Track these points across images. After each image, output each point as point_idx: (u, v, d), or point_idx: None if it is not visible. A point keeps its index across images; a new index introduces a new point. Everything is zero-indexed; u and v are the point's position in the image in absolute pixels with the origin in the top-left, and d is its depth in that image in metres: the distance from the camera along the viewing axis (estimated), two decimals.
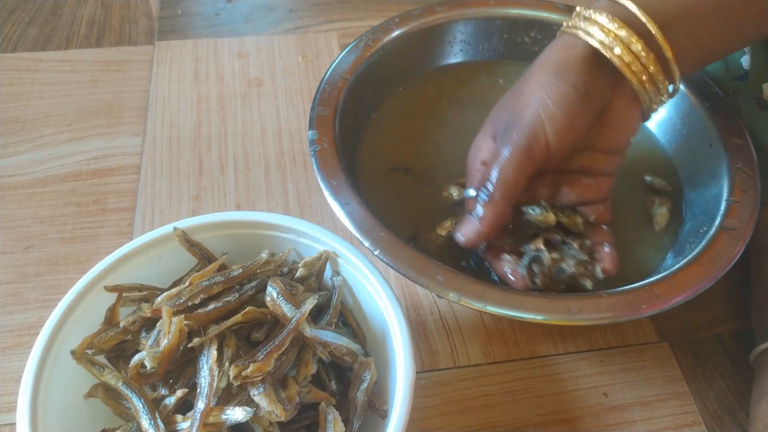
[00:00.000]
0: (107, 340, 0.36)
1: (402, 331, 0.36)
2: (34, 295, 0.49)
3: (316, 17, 0.75)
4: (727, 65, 0.52)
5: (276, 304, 0.36)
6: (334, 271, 0.40)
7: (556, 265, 0.42)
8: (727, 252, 0.42)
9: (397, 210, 0.49)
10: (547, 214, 0.42)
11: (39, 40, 0.70)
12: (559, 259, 0.42)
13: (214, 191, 0.57)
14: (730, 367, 0.47)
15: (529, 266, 0.42)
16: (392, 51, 0.56)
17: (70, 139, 0.60)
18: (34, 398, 0.33)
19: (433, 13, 0.58)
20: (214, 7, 0.76)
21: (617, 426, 0.44)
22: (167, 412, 0.34)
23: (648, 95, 0.41)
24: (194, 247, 0.40)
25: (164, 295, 0.36)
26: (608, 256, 0.43)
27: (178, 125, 0.62)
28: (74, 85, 0.65)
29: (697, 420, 0.44)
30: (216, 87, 0.66)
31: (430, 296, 0.50)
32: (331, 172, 0.45)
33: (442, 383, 0.46)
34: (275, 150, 0.60)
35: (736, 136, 0.49)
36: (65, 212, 0.55)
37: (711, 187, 0.48)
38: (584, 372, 0.47)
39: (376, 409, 0.35)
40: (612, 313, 0.39)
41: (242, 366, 0.33)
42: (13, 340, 0.47)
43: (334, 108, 0.50)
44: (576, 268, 0.42)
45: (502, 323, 0.49)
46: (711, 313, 0.50)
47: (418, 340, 0.48)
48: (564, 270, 0.42)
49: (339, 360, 0.37)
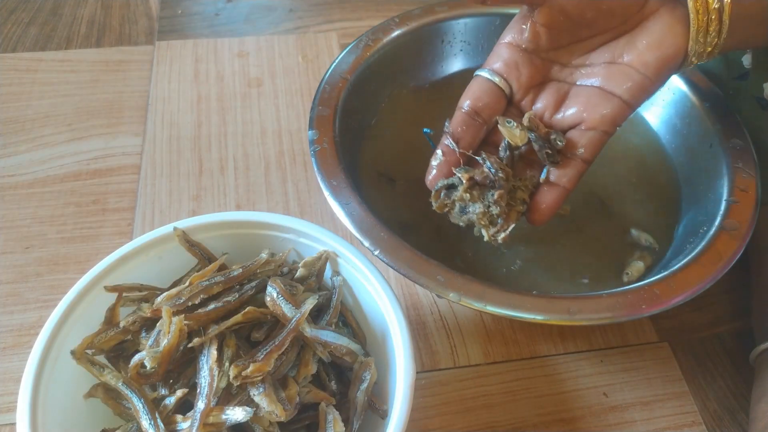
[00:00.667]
0: (107, 340, 0.36)
1: (402, 331, 0.36)
2: (34, 295, 0.49)
3: (316, 17, 0.75)
4: (728, 64, 0.52)
5: (276, 304, 0.36)
6: (334, 271, 0.40)
7: (462, 202, 0.41)
8: (727, 252, 0.42)
9: (397, 210, 0.49)
10: (522, 132, 0.41)
11: (39, 40, 0.70)
12: (470, 198, 0.40)
13: (214, 191, 0.57)
14: (730, 367, 0.47)
15: (446, 187, 0.41)
16: (392, 51, 0.56)
17: (70, 139, 0.60)
18: (34, 398, 0.33)
19: (433, 13, 0.58)
20: (214, 7, 0.76)
21: (617, 426, 0.44)
22: (167, 412, 0.34)
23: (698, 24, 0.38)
24: (194, 247, 0.40)
25: (164, 295, 0.36)
26: (543, 207, 0.41)
27: (178, 125, 0.62)
28: (74, 85, 0.65)
29: (697, 420, 0.44)
30: (216, 87, 0.66)
31: (430, 296, 0.50)
32: (331, 172, 0.45)
33: (442, 383, 0.46)
34: (275, 150, 0.60)
35: (736, 136, 0.49)
36: (65, 212, 0.55)
37: (711, 187, 0.48)
38: (584, 372, 0.47)
39: (376, 409, 0.35)
40: (612, 313, 0.39)
41: (242, 366, 0.33)
42: (13, 340, 0.47)
43: (334, 108, 0.50)
44: (478, 216, 0.40)
45: (502, 323, 0.49)
46: (711, 313, 0.50)
47: (418, 340, 0.48)
48: (466, 211, 0.41)
49: (339, 360, 0.37)
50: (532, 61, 0.42)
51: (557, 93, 0.43)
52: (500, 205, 0.40)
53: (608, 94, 0.41)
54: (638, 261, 0.47)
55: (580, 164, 0.41)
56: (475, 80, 0.43)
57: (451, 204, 0.41)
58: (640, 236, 0.49)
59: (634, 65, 0.40)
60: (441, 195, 0.41)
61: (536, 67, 0.42)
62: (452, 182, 0.41)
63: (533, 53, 0.42)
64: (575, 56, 0.43)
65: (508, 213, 0.41)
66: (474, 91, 0.42)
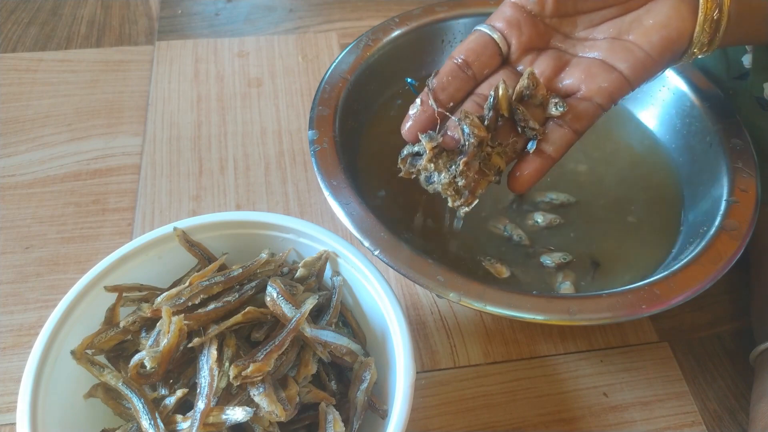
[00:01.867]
0: (107, 340, 0.36)
1: (402, 331, 0.36)
2: (34, 295, 0.49)
3: (316, 17, 0.75)
4: (728, 64, 0.52)
5: (276, 304, 0.36)
6: (334, 271, 0.40)
7: (426, 172, 0.39)
8: (727, 252, 0.42)
9: (397, 209, 0.49)
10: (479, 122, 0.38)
11: (39, 40, 0.70)
12: (434, 168, 0.38)
13: (214, 191, 0.57)
14: (730, 367, 0.47)
15: (412, 155, 0.39)
16: (392, 51, 0.56)
17: (70, 139, 0.60)
18: (34, 398, 0.33)
19: (433, 13, 0.58)
20: (214, 7, 0.76)
21: (617, 426, 0.44)
22: (167, 412, 0.34)
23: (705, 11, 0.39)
24: (194, 247, 0.40)
25: (164, 295, 0.36)
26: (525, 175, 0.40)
27: (178, 125, 0.62)
28: (74, 85, 0.65)
29: (697, 420, 0.44)
30: (216, 87, 0.66)
31: (430, 296, 0.50)
32: (331, 172, 0.45)
33: (442, 383, 0.46)
34: (275, 150, 0.60)
35: (736, 136, 0.49)
36: (65, 212, 0.55)
37: (711, 187, 0.48)
38: (584, 372, 0.47)
39: (376, 409, 0.35)
40: (612, 313, 0.39)
41: (242, 366, 0.33)
42: (13, 340, 0.47)
43: (334, 108, 0.50)
44: (443, 186, 0.38)
45: (502, 323, 0.49)
46: (711, 313, 0.50)
47: (418, 340, 0.48)
48: (431, 180, 0.39)
49: (339, 360, 0.37)
50: (535, 24, 0.42)
51: (557, 60, 0.41)
52: (467, 176, 0.37)
53: (609, 66, 0.40)
54: (564, 282, 0.46)
55: (570, 134, 0.40)
56: (473, 34, 0.42)
57: (416, 172, 0.39)
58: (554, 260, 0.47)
59: (638, 43, 0.40)
60: (407, 163, 0.40)
61: (538, 31, 0.42)
62: (417, 150, 0.39)
63: (537, 17, 0.42)
64: (579, 29, 0.42)
65: (477, 181, 0.38)
66: (469, 44, 0.41)
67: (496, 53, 0.41)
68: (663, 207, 0.51)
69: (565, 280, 0.46)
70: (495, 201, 0.51)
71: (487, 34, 0.41)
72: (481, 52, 0.41)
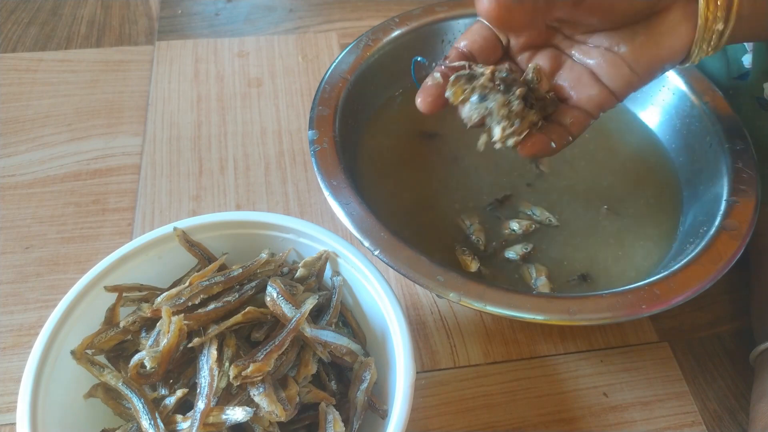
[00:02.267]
0: (107, 340, 0.36)
1: (402, 331, 0.36)
2: (34, 295, 0.49)
3: (316, 17, 0.75)
4: (728, 64, 0.52)
5: (276, 304, 0.36)
6: (334, 271, 0.40)
7: (483, 90, 0.38)
8: (727, 252, 0.42)
9: (397, 208, 0.49)
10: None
11: (39, 40, 0.70)
12: (491, 88, 0.38)
13: (214, 191, 0.57)
14: (730, 367, 0.47)
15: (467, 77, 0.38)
16: (392, 51, 0.56)
17: (70, 139, 0.60)
18: (34, 398, 0.33)
19: (433, 13, 0.58)
20: (214, 7, 0.76)
21: (617, 426, 0.44)
22: (167, 412, 0.34)
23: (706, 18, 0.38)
24: (194, 247, 0.40)
25: (164, 295, 0.36)
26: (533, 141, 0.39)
27: (178, 125, 0.62)
28: (74, 85, 0.65)
29: (697, 420, 0.44)
30: (216, 87, 0.66)
31: (430, 296, 0.50)
32: (331, 172, 0.45)
33: (442, 383, 0.46)
34: (275, 150, 0.60)
35: (736, 136, 0.49)
36: (65, 212, 0.55)
37: (711, 187, 0.48)
38: (584, 372, 0.47)
39: (376, 409, 0.35)
40: (612, 313, 0.39)
41: (242, 366, 0.33)
42: (13, 340, 0.47)
43: (334, 108, 0.50)
44: (498, 104, 0.37)
45: (502, 323, 0.49)
46: (711, 313, 0.50)
47: (418, 340, 0.48)
48: (486, 97, 0.38)
49: (339, 360, 0.37)
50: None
51: (555, 59, 0.42)
52: (522, 101, 0.37)
53: (597, 79, 0.41)
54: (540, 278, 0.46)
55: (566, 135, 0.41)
56: (476, 23, 0.43)
57: (470, 90, 0.38)
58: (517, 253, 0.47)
59: (627, 59, 0.40)
60: (461, 81, 0.38)
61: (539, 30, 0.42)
62: (473, 73, 0.38)
63: None
64: (579, 32, 0.42)
65: (527, 115, 0.38)
66: (472, 33, 0.42)
67: (497, 46, 0.42)
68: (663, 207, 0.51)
69: (540, 276, 0.46)
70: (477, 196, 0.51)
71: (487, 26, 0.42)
72: (482, 44, 0.42)
